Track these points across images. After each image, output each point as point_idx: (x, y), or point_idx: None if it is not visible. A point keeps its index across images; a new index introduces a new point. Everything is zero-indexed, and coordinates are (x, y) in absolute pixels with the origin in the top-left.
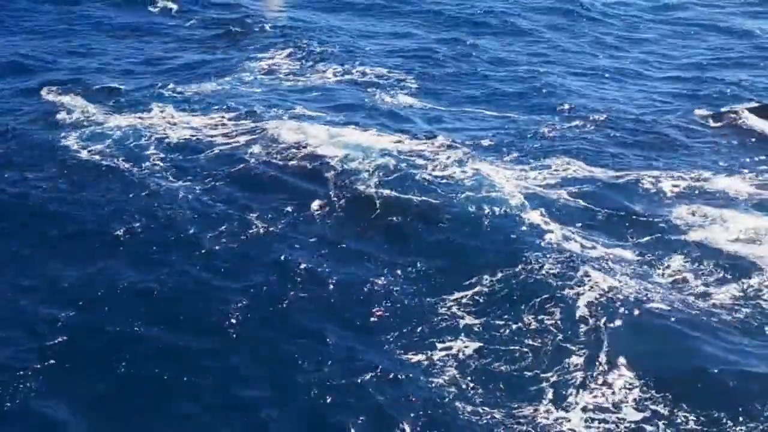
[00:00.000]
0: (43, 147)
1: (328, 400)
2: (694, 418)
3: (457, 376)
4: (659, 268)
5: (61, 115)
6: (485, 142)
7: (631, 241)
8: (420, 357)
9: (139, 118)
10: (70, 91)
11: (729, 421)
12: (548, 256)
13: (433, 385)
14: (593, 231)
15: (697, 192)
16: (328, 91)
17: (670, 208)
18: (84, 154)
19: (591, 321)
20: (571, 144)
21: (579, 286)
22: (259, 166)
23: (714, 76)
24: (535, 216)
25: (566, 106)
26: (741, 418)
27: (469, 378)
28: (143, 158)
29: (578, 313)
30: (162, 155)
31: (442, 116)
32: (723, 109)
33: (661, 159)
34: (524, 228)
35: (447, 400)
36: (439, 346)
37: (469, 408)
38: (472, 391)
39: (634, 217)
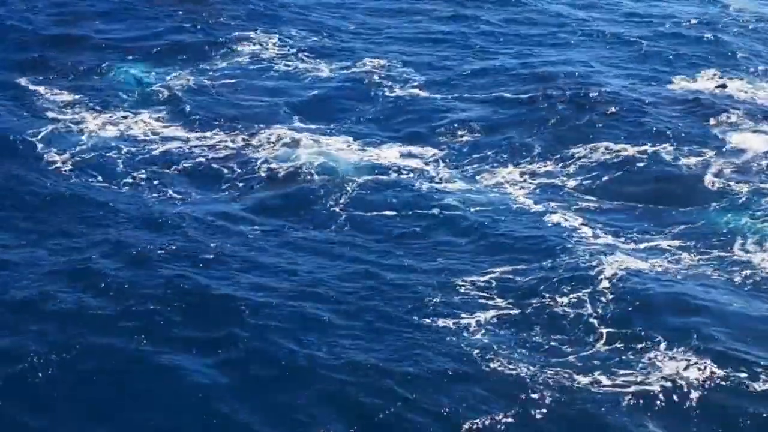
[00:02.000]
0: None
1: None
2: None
3: (485, 339)
4: (688, 251)
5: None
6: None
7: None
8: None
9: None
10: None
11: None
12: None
13: (462, 345)
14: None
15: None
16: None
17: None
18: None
19: (612, 299)
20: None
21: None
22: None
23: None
24: (551, 207)
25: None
26: None
27: (494, 341)
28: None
29: (598, 289)
30: (136, 164)
31: (448, 107)
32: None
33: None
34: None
35: (476, 357)
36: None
37: (497, 365)
38: (498, 353)
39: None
